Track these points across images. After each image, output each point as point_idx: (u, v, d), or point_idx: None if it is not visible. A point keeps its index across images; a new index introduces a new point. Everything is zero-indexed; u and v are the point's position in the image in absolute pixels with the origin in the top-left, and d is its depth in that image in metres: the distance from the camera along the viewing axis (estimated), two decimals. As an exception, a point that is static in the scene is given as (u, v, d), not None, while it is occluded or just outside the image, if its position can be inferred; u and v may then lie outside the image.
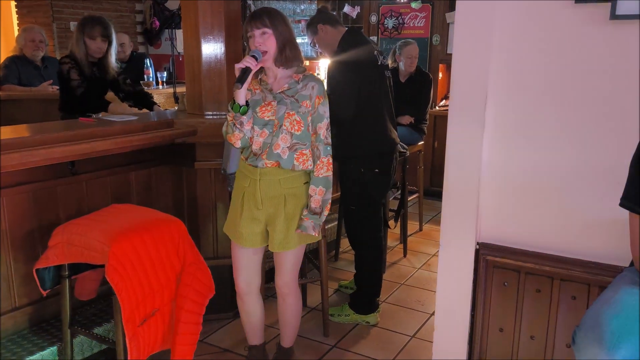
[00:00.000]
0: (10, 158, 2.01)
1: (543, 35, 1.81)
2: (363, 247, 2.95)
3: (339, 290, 3.37)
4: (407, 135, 4.10)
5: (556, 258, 1.89)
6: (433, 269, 3.71)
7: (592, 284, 1.82)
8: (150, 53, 6.68)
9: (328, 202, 2.14)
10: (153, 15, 6.79)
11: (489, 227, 2.01)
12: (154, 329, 2.10)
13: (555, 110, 1.83)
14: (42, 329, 2.36)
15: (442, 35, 5.51)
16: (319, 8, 3.02)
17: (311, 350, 2.69)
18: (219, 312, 2.86)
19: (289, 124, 2.06)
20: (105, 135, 2.40)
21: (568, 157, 1.83)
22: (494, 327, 2.03)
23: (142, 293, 2.03)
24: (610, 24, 1.69)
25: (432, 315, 2.98)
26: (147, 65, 4.87)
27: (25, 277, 2.31)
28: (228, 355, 2.64)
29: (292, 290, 2.28)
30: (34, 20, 5.90)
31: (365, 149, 2.79)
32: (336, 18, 2.95)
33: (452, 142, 1.98)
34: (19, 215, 2.28)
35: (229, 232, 2.23)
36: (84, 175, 2.50)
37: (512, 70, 1.88)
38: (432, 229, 4.53)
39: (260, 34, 2.03)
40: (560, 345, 1.91)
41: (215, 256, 2.89)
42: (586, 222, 1.84)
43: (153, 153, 2.77)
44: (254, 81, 2.15)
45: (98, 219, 2.15)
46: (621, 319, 1.37)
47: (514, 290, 1.97)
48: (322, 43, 2.89)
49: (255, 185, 2.11)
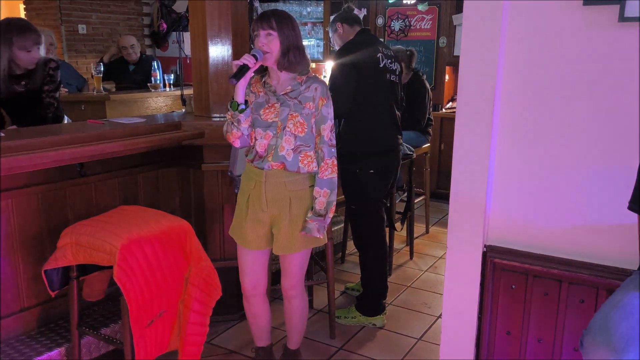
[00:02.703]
0: (19, 160, 2.02)
1: (551, 36, 1.81)
2: (365, 246, 2.96)
3: (346, 293, 3.37)
4: (414, 137, 4.09)
5: (564, 261, 1.88)
6: (440, 271, 3.70)
7: (601, 287, 1.81)
8: (158, 55, 6.71)
9: (333, 204, 2.14)
10: (160, 18, 6.82)
11: (496, 229, 2.01)
12: (162, 330, 2.11)
13: (563, 112, 1.83)
14: (50, 330, 2.38)
15: (449, 37, 5.50)
16: (344, 7, 3.08)
17: (318, 353, 2.69)
18: (226, 313, 2.87)
19: (293, 125, 2.07)
20: (113, 137, 2.41)
21: (576, 159, 1.82)
22: (501, 330, 2.02)
23: (149, 294, 2.04)
24: (619, 25, 1.69)
25: (439, 318, 2.97)
26: (155, 67, 4.89)
27: (33, 278, 2.33)
28: (234, 356, 2.65)
29: (299, 293, 2.28)
30: (43, 22, 5.94)
31: (359, 149, 2.81)
32: (355, 17, 3.01)
33: (460, 144, 1.98)
34: (28, 216, 2.29)
35: (235, 234, 2.23)
36: (92, 177, 2.51)
37: (520, 71, 1.87)
38: (438, 232, 4.52)
39: (265, 35, 2.04)
40: (568, 349, 1.90)
41: (222, 258, 2.89)
42: (595, 225, 1.83)
43: (161, 155, 2.79)
44: (258, 84, 2.16)
45: (106, 221, 2.16)
46: (630, 323, 1.36)
47: (521, 293, 1.96)
48: (338, 40, 3.00)
49: (260, 187, 2.11)
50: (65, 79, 4.47)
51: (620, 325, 1.36)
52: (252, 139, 2.13)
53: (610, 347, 1.34)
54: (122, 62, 5.09)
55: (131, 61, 5.04)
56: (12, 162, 2.00)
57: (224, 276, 2.43)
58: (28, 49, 2.72)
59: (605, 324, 1.39)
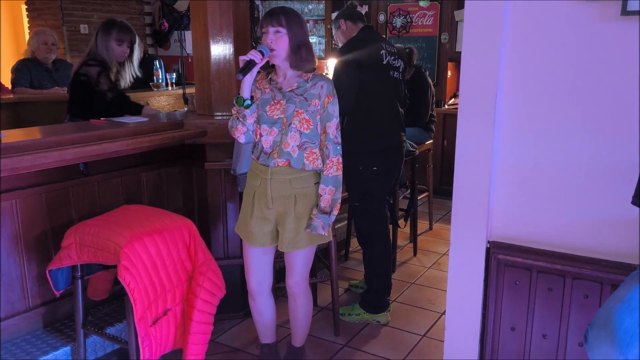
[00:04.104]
0: (23, 160, 2.03)
1: (554, 31, 1.80)
2: (369, 243, 2.96)
3: (350, 290, 3.37)
4: (416, 134, 4.08)
5: (568, 256, 1.87)
6: (443, 268, 3.69)
7: (605, 283, 1.81)
8: (160, 55, 6.72)
9: (338, 202, 2.14)
10: (162, 17, 6.82)
11: (500, 225, 2.00)
12: (166, 329, 2.12)
13: (566, 107, 1.82)
14: (55, 329, 2.39)
15: (451, 33, 5.49)
16: (347, 4, 3.10)
17: (322, 350, 2.70)
18: (230, 311, 2.88)
19: (298, 122, 2.07)
20: (116, 136, 2.42)
21: (579, 154, 1.82)
22: (505, 326, 2.02)
23: (154, 293, 2.05)
24: (621, 19, 1.68)
25: (443, 314, 2.97)
26: (157, 66, 4.89)
27: (38, 278, 2.34)
28: (239, 354, 2.65)
29: (303, 290, 2.28)
30: (44, 22, 5.95)
31: (362, 146, 2.81)
32: (359, 15, 3.01)
33: (462, 140, 1.97)
34: (32, 216, 2.30)
35: (240, 231, 2.24)
36: (95, 176, 2.52)
37: (522, 66, 1.87)
38: (442, 228, 4.52)
39: (274, 32, 2.04)
40: (573, 344, 1.90)
41: (225, 256, 2.90)
42: (598, 220, 1.82)
43: (163, 154, 2.79)
44: (264, 80, 2.16)
45: (110, 220, 2.17)
46: (634, 318, 1.35)
47: (525, 289, 1.96)
48: (341, 37, 3.01)
49: (266, 185, 2.11)
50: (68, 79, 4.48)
51: (624, 320, 1.35)
52: (257, 135, 2.14)
53: (615, 342, 1.34)
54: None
55: None
56: (16, 162, 2.00)
57: (228, 274, 2.44)
58: (121, 41, 3.14)
59: (609, 319, 1.38)
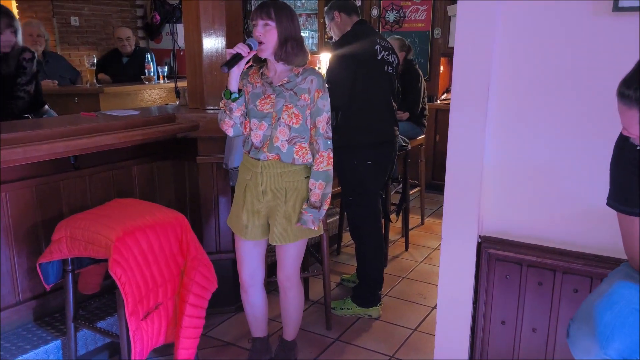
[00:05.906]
0: (13, 153, 2.01)
1: (546, 26, 1.81)
2: (362, 237, 2.97)
3: (341, 284, 3.38)
4: (408, 129, 4.09)
5: (558, 251, 1.89)
6: (435, 262, 3.71)
7: (594, 277, 1.82)
8: (151, 48, 6.66)
9: (328, 196, 2.14)
10: (154, 10, 6.76)
11: (491, 220, 2.02)
12: (158, 323, 2.11)
13: (557, 102, 1.83)
14: (46, 323, 2.38)
15: (444, 28, 5.49)
16: None
17: (314, 344, 2.71)
18: (222, 305, 2.87)
19: (287, 116, 2.07)
20: (107, 130, 2.40)
21: (570, 149, 1.83)
22: (495, 320, 2.04)
23: (145, 287, 2.04)
24: (613, 15, 1.69)
25: (434, 308, 2.99)
26: (148, 59, 4.86)
27: (28, 272, 2.32)
28: (231, 348, 2.66)
29: (294, 284, 2.29)
30: (35, 15, 5.88)
31: (357, 140, 2.81)
32: (353, 7, 2.99)
33: (454, 135, 1.98)
34: (22, 209, 2.29)
35: (232, 225, 2.24)
36: (86, 169, 2.50)
37: (514, 62, 1.88)
38: (433, 223, 4.54)
39: (262, 25, 2.03)
40: (562, 338, 1.92)
41: (217, 250, 2.90)
42: (588, 215, 1.84)
43: (155, 148, 2.78)
44: (256, 75, 2.16)
45: (101, 214, 2.16)
46: (614, 312, 1.35)
47: (515, 283, 1.97)
48: (335, 29, 2.99)
49: (256, 178, 2.11)
50: (59, 71, 4.44)
51: (604, 314, 1.35)
52: (246, 129, 2.14)
53: (595, 337, 1.34)
54: (116, 54, 5.06)
55: (125, 54, 5.01)
56: (6, 155, 1.99)
57: (219, 269, 2.44)
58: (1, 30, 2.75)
59: (590, 313, 1.38)
